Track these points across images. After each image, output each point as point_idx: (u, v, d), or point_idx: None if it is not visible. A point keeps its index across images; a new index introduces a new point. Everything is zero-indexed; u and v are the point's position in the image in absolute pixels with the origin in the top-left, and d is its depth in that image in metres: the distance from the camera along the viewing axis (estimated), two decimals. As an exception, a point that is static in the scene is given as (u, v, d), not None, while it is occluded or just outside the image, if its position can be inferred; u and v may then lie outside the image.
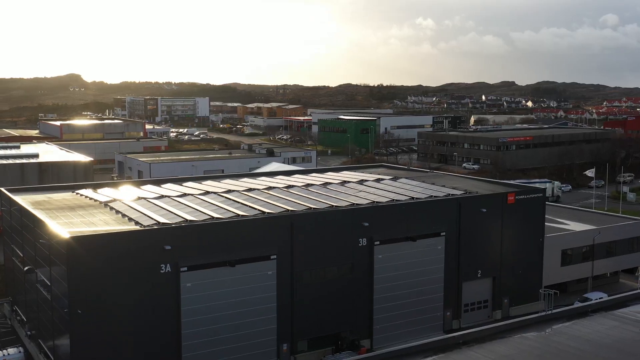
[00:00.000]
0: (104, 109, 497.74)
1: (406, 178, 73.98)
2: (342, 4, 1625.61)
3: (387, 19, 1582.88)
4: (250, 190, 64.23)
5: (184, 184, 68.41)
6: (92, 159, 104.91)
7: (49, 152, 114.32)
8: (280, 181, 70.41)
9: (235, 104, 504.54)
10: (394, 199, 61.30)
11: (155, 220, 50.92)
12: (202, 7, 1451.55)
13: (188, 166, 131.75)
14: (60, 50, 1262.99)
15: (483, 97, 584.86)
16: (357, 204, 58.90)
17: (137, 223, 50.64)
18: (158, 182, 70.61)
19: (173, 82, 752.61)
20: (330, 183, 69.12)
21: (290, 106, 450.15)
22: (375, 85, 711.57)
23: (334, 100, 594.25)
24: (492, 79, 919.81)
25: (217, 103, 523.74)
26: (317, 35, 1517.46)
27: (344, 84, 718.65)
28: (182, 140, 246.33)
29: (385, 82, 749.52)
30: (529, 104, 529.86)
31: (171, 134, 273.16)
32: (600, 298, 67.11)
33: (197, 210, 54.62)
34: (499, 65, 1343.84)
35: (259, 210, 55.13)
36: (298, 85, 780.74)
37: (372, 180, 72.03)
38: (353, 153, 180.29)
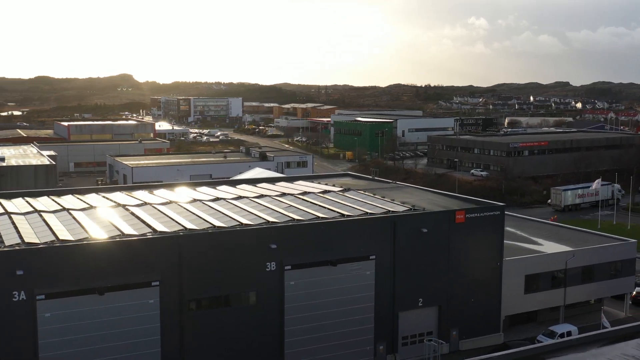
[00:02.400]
0: (143, 109, 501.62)
1: (356, 191, 66.47)
2: (395, 4, 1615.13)
3: (439, 19, 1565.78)
4: (168, 203, 57.89)
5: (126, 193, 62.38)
6: (54, 163, 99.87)
7: (19, 156, 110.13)
8: (230, 192, 63.99)
9: (272, 105, 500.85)
10: (319, 217, 54.00)
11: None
12: (254, 8, 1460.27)
13: (173, 170, 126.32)
14: (114, 51, 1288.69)
15: (531, 98, 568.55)
16: (271, 222, 51.82)
17: None
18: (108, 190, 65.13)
19: (222, 82, 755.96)
20: (269, 195, 62.42)
21: (326, 107, 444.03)
22: (422, 85, 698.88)
23: (378, 101, 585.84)
24: (546, 80, 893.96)
25: (254, 103, 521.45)
26: (369, 36, 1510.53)
27: (393, 84, 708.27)
28: (199, 142, 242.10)
29: (437, 83, 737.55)
30: (578, 105, 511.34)
31: (191, 135, 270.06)
32: (567, 332, 58.87)
33: (74, 228, 48.39)
34: (553, 65, 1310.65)
35: (151, 229, 48.63)
36: (347, 85, 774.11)
37: (318, 193, 64.84)
38: (361, 157, 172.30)
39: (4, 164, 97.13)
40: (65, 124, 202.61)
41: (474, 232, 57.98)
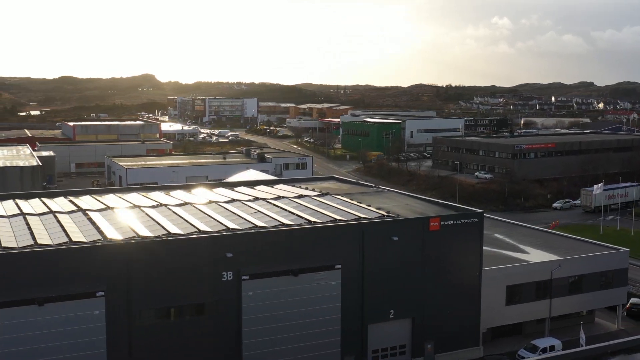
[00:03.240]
0: (161, 109, 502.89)
1: (334, 195, 63.81)
2: (418, 4, 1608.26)
3: (462, 19, 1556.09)
4: (132, 207, 55.77)
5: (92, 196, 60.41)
6: (41, 164, 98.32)
7: (10, 157, 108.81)
8: (202, 196, 61.81)
9: (288, 105, 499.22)
10: (283, 223, 51.44)
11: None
12: (275, 8, 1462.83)
13: (169, 172, 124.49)
14: (137, 52, 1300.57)
15: (552, 99, 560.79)
16: (231, 228, 49.36)
17: None
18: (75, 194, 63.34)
19: (243, 83, 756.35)
20: (240, 200, 60.15)
21: (342, 107, 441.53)
22: (444, 85, 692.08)
23: (398, 101, 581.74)
24: (570, 80, 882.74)
25: (270, 103, 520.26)
26: (392, 35, 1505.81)
27: (415, 85, 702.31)
28: (207, 142, 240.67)
29: (459, 83, 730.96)
30: (600, 105, 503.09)
31: (201, 135, 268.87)
32: (550, 346, 55.82)
33: (22, 233, 46.34)
34: (577, 65, 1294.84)
35: (102, 236, 46.49)
36: (369, 85, 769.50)
37: (292, 198, 62.34)
38: (365, 159, 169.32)
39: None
40: (71, 124, 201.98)
41: (450, 240, 55.07)
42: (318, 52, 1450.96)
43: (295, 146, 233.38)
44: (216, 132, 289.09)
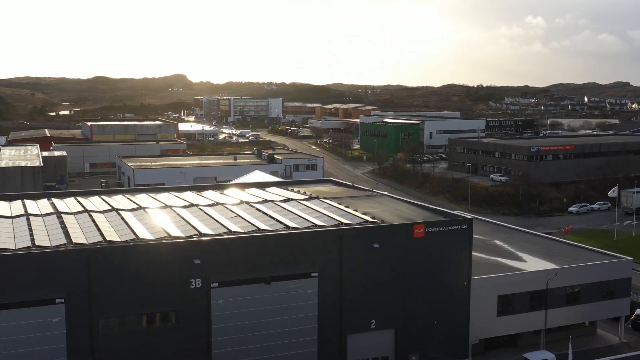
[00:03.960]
0: (188, 109, 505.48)
1: (322, 199, 61.79)
2: (451, 3, 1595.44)
3: (495, 18, 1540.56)
4: (109, 211, 54.45)
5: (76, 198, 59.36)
6: (42, 165, 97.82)
7: (16, 157, 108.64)
8: (185, 200, 60.29)
9: (314, 105, 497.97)
10: (259, 229, 49.60)
11: None
12: (309, 8, 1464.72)
13: (176, 173, 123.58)
14: (169, 52, 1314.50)
15: (585, 99, 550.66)
16: (204, 234, 47.65)
17: None
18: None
19: (274, 83, 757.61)
20: (223, 204, 58.59)
21: (368, 107, 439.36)
22: (475, 85, 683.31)
23: (427, 101, 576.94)
24: (605, 80, 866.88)
25: (297, 104, 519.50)
26: (425, 35, 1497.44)
27: (446, 85, 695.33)
28: (227, 143, 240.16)
29: (491, 83, 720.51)
30: (634, 106, 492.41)
31: (222, 136, 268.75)
32: (543, 360, 53.07)
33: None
34: (613, 65, 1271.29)
35: (68, 240, 45.16)
36: (400, 85, 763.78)
37: (278, 201, 60.50)
38: (380, 161, 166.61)
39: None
40: (89, 124, 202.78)
41: (437, 248, 52.64)
42: (350, 52, 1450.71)
43: (314, 147, 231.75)
44: (237, 132, 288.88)
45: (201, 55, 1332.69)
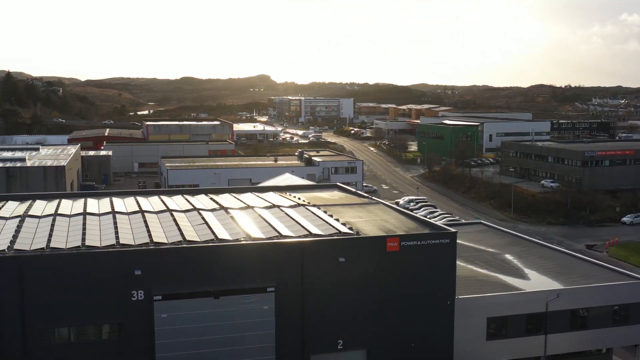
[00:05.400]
0: (263, 109, 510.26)
1: (307, 206, 58.15)
2: (542, 2, 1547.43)
3: (588, 17, 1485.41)
4: (81, 214, 52.82)
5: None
6: (65, 165, 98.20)
7: (49, 157, 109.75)
8: (162, 205, 58.17)
9: (389, 106, 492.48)
10: (218, 238, 46.50)
11: None
12: (397, 8, 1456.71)
13: (210, 174, 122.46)
14: (255, 53, 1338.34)
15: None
16: (152, 242, 44.98)
17: None
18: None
19: (356, 83, 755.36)
20: (201, 209, 55.96)
21: (442, 108, 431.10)
22: (563, 86, 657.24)
23: (510, 103, 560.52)
24: None
25: (371, 104, 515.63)
26: (515, 35, 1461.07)
27: (535, 85, 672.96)
28: (285, 143, 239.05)
29: (580, 83, 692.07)
30: None
31: (284, 136, 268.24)
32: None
33: None
34: None
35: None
36: (486, 85, 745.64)
37: (262, 207, 57.36)
38: (430, 164, 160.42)
39: (18, 165, 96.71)
40: (147, 123, 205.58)
41: (414, 263, 48.07)
42: (437, 52, 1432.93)
43: (372, 148, 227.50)
44: (300, 132, 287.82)
45: (285, 57, 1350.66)
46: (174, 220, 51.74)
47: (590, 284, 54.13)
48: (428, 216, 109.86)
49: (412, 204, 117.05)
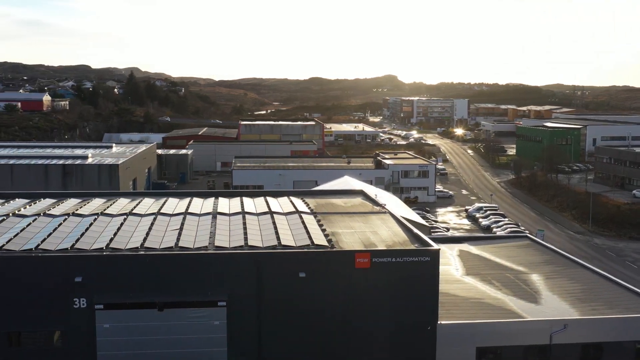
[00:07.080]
0: (378, 109, 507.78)
1: (303, 214, 54.60)
2: None
3: None
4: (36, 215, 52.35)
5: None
6: (118, 163, 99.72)
7: (114, 155, 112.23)
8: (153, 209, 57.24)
9: (508, 107, 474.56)
10: (178, 246, 44.11)
11: None
12: (543, 7, 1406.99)
13: (275, 175, 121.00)
14: (382, 54, 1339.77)
15: None
16: (91, 249, 43.26)
17: None
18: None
19: (484, 83, 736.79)
20: (195, 214, 54.22)
21: (563, 109, 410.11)
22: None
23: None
24: None
25: (489, 105, 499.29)
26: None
27: None
28: (381, 145, 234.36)
29: None
30: None
31: (384, 137, 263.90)
32: None
33: None
34: None
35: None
36: (628, 86, 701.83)
37: (256, 213, 54.61)
38: (517, 169, 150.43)
39: (77, 163, 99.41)
40: (241, 123, 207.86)
41: (388, 283, 43.34)
42: (572, 52, 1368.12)
43: (469, 151, 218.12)
44: (403, 133, 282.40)
45: (413, 57, 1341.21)
46: (151, 225, 49.97)
47: (608, 315, 46.80)
48: (492, 225, 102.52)
49: (480, 211, 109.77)
